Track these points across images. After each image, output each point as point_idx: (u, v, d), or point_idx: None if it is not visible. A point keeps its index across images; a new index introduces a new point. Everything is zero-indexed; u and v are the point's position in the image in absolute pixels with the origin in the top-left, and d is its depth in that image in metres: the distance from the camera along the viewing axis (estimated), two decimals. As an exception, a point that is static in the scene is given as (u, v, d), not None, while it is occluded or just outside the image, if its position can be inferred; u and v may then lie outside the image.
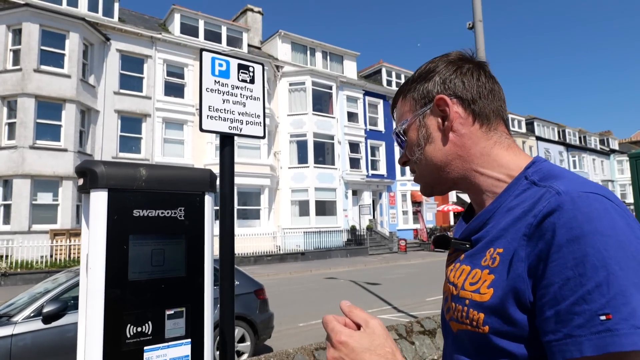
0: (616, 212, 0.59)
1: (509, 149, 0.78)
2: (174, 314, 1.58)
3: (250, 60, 2.74)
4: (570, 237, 0.57)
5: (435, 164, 0.80)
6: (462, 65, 0.81)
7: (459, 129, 0.78)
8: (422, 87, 0.82)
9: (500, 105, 0.80)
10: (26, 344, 4.15)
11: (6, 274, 13.08)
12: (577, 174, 0.71)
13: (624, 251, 0.55)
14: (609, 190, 0.65)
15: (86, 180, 1.54)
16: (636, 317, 0.52)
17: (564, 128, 44.50)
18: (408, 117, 0.84)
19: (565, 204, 0.60)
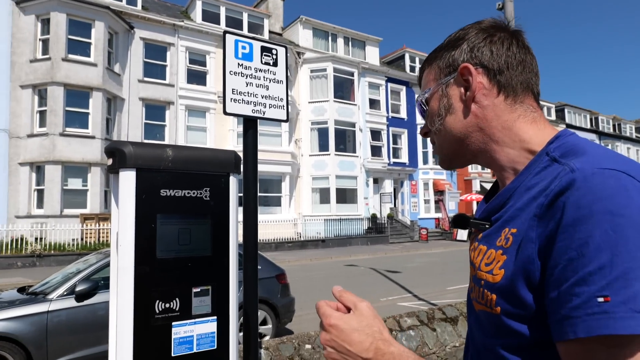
0: (636, 190, 0.55)
1: (533, 123, 0.74)
2: (200, 291, 1.62)
3: (274, 43, 2.73)
4: (578, 217, 0.54)
5: (454, 135, 0.78)
6: (494, 33, 0.76)
7: (481, 100, 0.74)
8: (448, 55, 0.78)
9: (530, 77, 0.75)
10: (61, 320, 4.35)
11: (40, 255, 13.67)
12: (607, 148, 0.67)
13: (634, 230, 0.52)
14: (638, 166, 0.61)
15: (115, 160, 1.58)
16: (637, 301, 0.50)
17: (596, 115, 42.80)
18: (432, 85, 0.81)
19: (578, 181, 0.57)
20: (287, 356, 3.18)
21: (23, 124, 16.08)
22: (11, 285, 9.44)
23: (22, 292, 4.90)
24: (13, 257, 13.50)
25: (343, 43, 25.53)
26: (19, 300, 4.55)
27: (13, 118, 16.05)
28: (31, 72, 16.14)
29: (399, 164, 26.45)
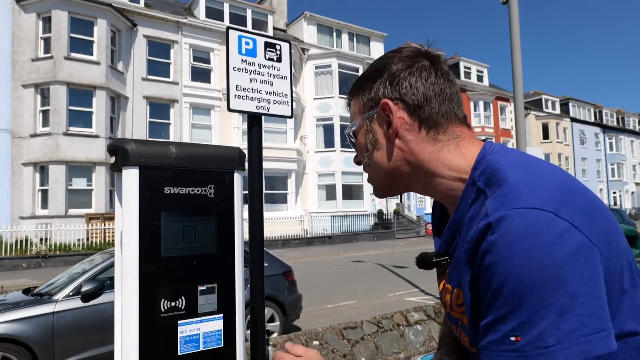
0: (543, 227, 0.57)
1: (457, 149, 0.75)
2: (206, 289, 1.60)
3: (277, 38, 2.70)
4: (490, 263, 0.59)
5: (384, 169, 0.79)
6: (413, 63, 0.77)
7: (404, 134, 0.76)
8: (370, 87, 0.79)
9: (450, 106, 0.77)
10: (67, 320, 4.34)
11: (46, 256, 13.71)
12: (529, 163, 0.68)
13: (537, 274, 0.56)
14: (559, 184, 0.63)
15: (118, 158, 1.55)
16: (543, 339, 0.55)
17: (600, 109, 42.64)
18: (357, 119, 0.82)
19: (491, 228, 0.60)
20: (294, 354, 3.16)
21: (25, 123, 16.10)
22: (16, 287, 9.49)
23: (28, 294, 4.90)
24: (18, 259, 13.51)
25: (348, 39, 25.42)
26: (24, 301, 4.55)
27: (15, 118, 16.07)
28: (33, 71, 16.15)
29: (403, 159, 26.32)
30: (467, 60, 31.67)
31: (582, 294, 0.55)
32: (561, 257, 0.56)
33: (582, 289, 0.55)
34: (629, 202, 42.41)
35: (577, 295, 0.55)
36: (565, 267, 0.55)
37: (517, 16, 7.09)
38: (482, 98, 30.55)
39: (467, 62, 31.67)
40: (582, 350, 0.54)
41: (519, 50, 7.09)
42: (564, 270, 0.55)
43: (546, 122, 34.81)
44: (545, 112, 36.67)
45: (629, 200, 42.68)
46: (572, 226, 0.57)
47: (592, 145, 39.99)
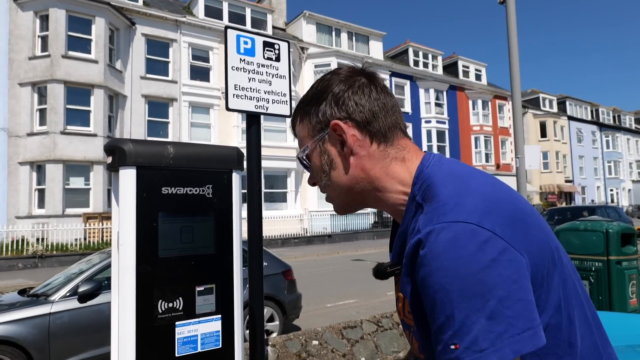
0: (466, 237, 0.62)
1: (403, 163, 0.80)
2: (204, 290, 1.58)
3: (276, 38, 2.68)
4: (424, 275, 0.63)
5: (342, 187, 0.82)
6: (353, 82, 0.80)
7: (358, 151, 0.79)
8: (316, 110, 0.82)
9: (395, 118, 0.81)
10: (63, 322, 4.30)
11: (42, 256, 13.62)
12: (462, 175, 0.73)
13: (464, 282, 0.60)
14: (486, 195, 0.68)
15: (115, 158, 1.53)
16: (477, 343, 0.59)
17: (597, 107, 42.85)
18: (308, 142, 0.85)
19: (422, 241, 0.65)
20: (294, 353, 3.15)
21: (22, 122, 16.01)
22: (12, 288, 9.44)
23: (24, 294, 4.86)
24: (14, 259, 13.38)
25: (347, 38, 25.39)
26: (19, 302, 4.50)
27: (12, 117, 15.97)
28: (30, 70, 16.06)
29: (402, 158, 26.35)
30: (465, 59, 31.68)
31: (508, 296, 0.59)
32: (485, 264, 0.60)
33: (509, 292, 0.60)
34: (626, 200, 42.68)
35: (504, 299, 0.59)
36: (490, 273, 0.60)
37: (514, 16, 7.10)
38: (480, 97, 30.56)
39: (465, 60, 31.68)
40: (512, 350, 0.58)
41: (517, 50, 7.10)
42: (488, 276, 0.60)
43: (544, 120, 34.91)
44: (543, 110, 36.74)
45: (626, 197, 42.94)
46: (494, 235, 0.62)
47: (589, 143, 40.18)
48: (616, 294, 4.06)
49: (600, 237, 4.16)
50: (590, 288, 4.16)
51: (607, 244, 4.11)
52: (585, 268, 4.22)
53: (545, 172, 33.74)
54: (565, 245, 4.36)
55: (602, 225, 4.21)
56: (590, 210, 14.45)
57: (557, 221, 11.20)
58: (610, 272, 4.08)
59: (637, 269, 4.19)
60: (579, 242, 4.30)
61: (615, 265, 4.09)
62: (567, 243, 4.35)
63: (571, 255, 4.30)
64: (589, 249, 4.22)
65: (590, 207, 15.07)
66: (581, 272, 4.20)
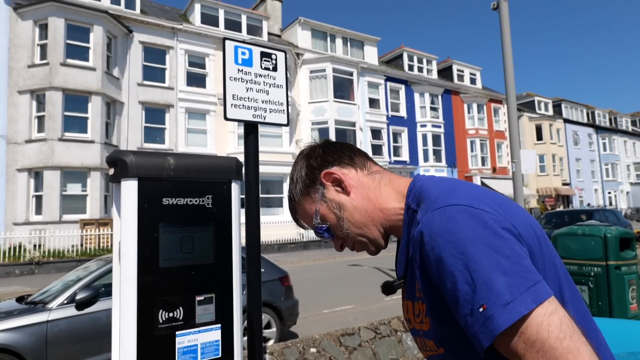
0: (461, 215, 0.69)
1: (390, 183, 0.90)
2: (203, 299, 1.60)
3: (273, 48, 2.72)
4: (436, 257, 0.68)
5: (359, 221, 0.90)
6: (315, 148, 0.97)
7: (352, 183, 0.90)
8: (305, 183, 0.94)
9: (360, 152, 0.96)
10: (60, 329, 4.30)
11: (39, 263, 13.58)
12: (450, 182, 0.81)
13: (472, 245, 0.65)
14: (473, 191, 0.76)
15: (117, 170, 1.56)
16: (501, 296, 0.63)
17: (593, 109, 43.04)
18: (314, 208, 0.94)
19: (423, 231, 0.71)
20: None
21: (21, 129, 16.03)
22: (9, 295, 9.40)
23: (21, 302, 4.86)
24: (11, 265, 13.34)
25: (342, 43, 25.52)
26: (17, 310, 4.50)
27: (10, 124, 15.99)
28: (29, 78, 16.09)
29: (400, 162, 26.44)
30: (459, 63, 31.89)
31: (514, 254, 0.65)
32: (485, 231, 0.66)
33: (513, 251, 0.66)
34: (624, 202, 42.76)
35: (511, 256, 0.65)
36: (492, 237, 0.66)
37: (507, 21, 7.18)
38: (475, 100, 30.74)
39: (459, 65, 31.88)
40: (533, 299, 0.63)
41: (511, 55, 7.17)
42: (492, 239, 0.66)
43: (539, 123, 35.06)
44: (539, 113, 36.91)
45: (624, 200, 43.03)
46: (485, 211, 0.69)
47: (586, 146, 40.31)
48: (616, 299, 4.00)
49: (599, 242, 4.10)
50: (590, 294, 4.11)
51: (605, 248, 4.06)
52: (583, 273, 4.17)
53: (542, 175, 33.83)
54: (563, 251, 4.32)
55: (600, 230, 4.16)
56: (588, 213, 14.45)
57: (554, 225, 11.21)
58: (609, 278, 4.02)
59: (636, 274, 4.13)
60: (577, 247, 4.26)
61: (615, 270, 4.02)
62: (564, 248, 4.32)
63: (569, 260, 4.26)
64: (587, 254, 4.17)
65: (588, 211, 15.09)
66: (580, 277, 4.16)
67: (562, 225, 8.47)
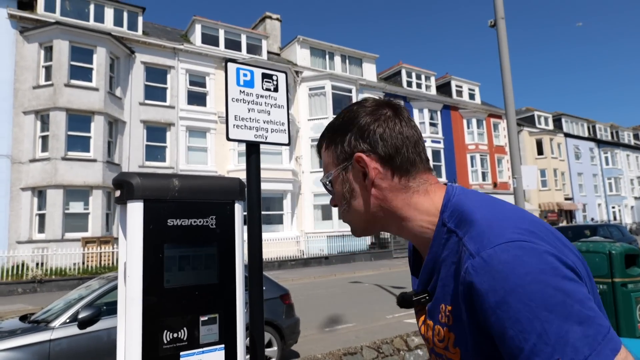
0: (526, 254, 0.63)
1: (426, 194, 0.82)
2: (207, 320, 1.62)
3: (274, 69, 2.79)
4: (498, 300, 0.62)
5: (361, 215, 0.86)
6: (379, 116, 0.84)
7: (379, 183, 0.82)
8: (342, 140, 0.85)
9: (417, 152, 0.84)
10: (62, 348, 4.30)
11: (42, 281, 13.55)
12: (490, 202, 0.75)
13: (544, 293, 0.60)
14: (522, 218, 0.70)
15: (123, 192, 1.60)
16: (579, 351, 0.57)
17: (594, 123, 43.15)
18: (332, 169, 0.88)
19: (480, 269, 0.64)
20: (294, 380, 3.15)
21: (25, 149, 16.19)
22: (11, 313, 9.37)
23: (24, 321, 4.86)
24: (14, 284, 13.37)
25: (340, 61, 25.86)
26: (20, 329, 4.51)
27: (15, 144, 16.15)
28: (34, 99, 16.31)
29: (399, 178, 26.45)
30: (458, 79, 32.22)
31: (585, 299, 0.61)
32: (554, 273, 0.61)
33: (583, 295, 0.61)
34: (629, 217, 42.41)
35: (583, 302, 0.60)
36: (562, 280, 0.61)
37: (505, 39, 7.30)
38: (474, 116, 30.95)
39: (458, 80, 32.21)
40: (610, 349, 0.58)
41: (509, 72, 7.28)
42: (563, 283, 0.60)
43: (540, 137, 35.15)
44: (539, 128, 37.06)
45: (629, 214, 42.69)
46: (546, 249, 0.64)
47: (588, 160, 40.27)
48: (623, 318, 3.89)
49: (603, 259, 4.02)
50: None
51: (610, 265, 3.97)
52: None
53: (543, 190, 33.78)
54: None
55: (605, 247, 4.08)
56: (592, 229, 14.28)
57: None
58: (615, 296, 3.92)
59: (644, 291, 4.03)
60: None
61: (621, 287, 3.93)
62: None
63: None
64: (591, 271, 4.15)
65: (592, 226, 14.97)
66: None
67: (564, 240, 8.40)
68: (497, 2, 7.34)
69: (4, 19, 16.47)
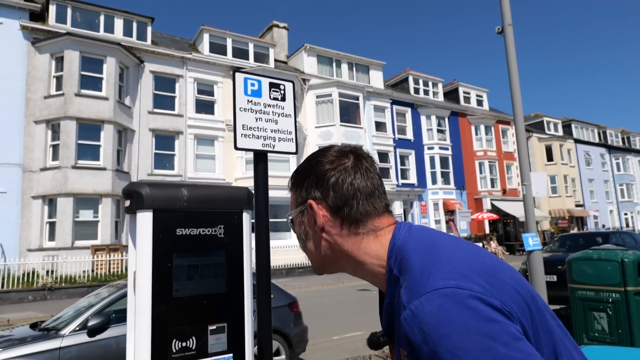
0: (450, 301, 0.65)
1: (375, 239, 0.84)
2: (216, 329, 1.63)
3: (281, 79, 2.81)
4: (429, 351, 0.64)
5: (315, 255, 0.91)
6: (337, 166, 0.87)
7: (329, 230, 0.86)
8: (301, 185, 0.90)
9: (369, 202, 0.85)
10: (72, 356, 4.32)
11: (52, 289, 13.67)
12: (429, 242, 0.77)
13: (469, 340, 0.62)
14: (455, 259, 0.71)
15: (132, 202, 1.62)
16: None
17: (604, 129, 42.68)
18: (293, 209, 0.94)
19: (410, 321, 0.67)
20: (302, 389, 3.13)
21: (36, 158, 16.41)
22: (22, 320, 9.45)
23: (35, 328, 4.90)
24: (24, 291, 13.51)
25: (347, 68, 25.95)
26: (30, 336, 4.54)
27: (27, 152, 16.39)
28: (45, 108, 16.57)
29: (407, 185, 26.39)
30: (465, 85, 32.14)
31: (511, 340, 0.62)
32: (478, 317, 0.63)
33: (510, 336, 0.63)
34: (642, 224, 41.77)
35: (509, 343, 0.62)
36: (486, 324, 0.63)
37: (513, 45, 7.28)
38: (482, 122, 30.81)
39: (465, 87, 32.13)
40: None
41: (517, 79, 7.25)
42: (487, 327, 0.62)
43: (549, 144, 34.79)
44: (548, 134, 36.74)
45: (642, 221, 42.04)
46: (476, 292, 0.66)
47: (599, 166, 39.75)
48: (637, 327, 3.84)
49: (616, 267, 3.96)
50: (609, 321, 3.96)
51: (623, 274, 3.91)
52: (601, 299, 4.03)
53: (554, 196, 33.40)
54: (579, 276, 4.20)
55: (617, 255, 4.03)
56: (604, 236, 14.09)
57: (569, 248, 11.00)
58: (629, 304, 3.86)
59: (657, 300, 3.95)
60: (594, 272, 4.12)
61: (634, 296, 3.87)
62: (580, 273, 4.19)
63: (585, 285, 4.13)
64: (604, 279, 4.03)
65: (604, 233, 14.76)
66: (597, 303, 4.03)
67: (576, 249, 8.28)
68: (505, 9, 7.34)
69: (16, 30, 16.80)
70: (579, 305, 4.25)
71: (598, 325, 4.11)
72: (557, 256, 9.86)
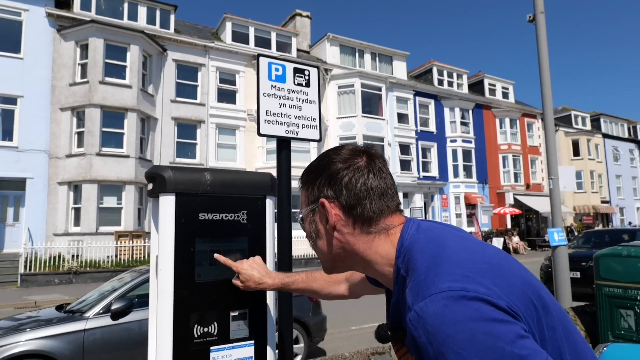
0: (454, 303, 0.64)
1: (387, 238, 0.85)
2: (238, 315, 1.60)
3: (306, 64, 2.75)
4: (435, 352, 0.65)
5: (326, 255, 0.91)
6: (349, 165, 0.87)
7: (341, 229, 0.87)
8: (313, 183, 0.91)
9: (382, 202, 0.86)
10: (96, 338, 4.43)
11: (77, 272, 14.13)
12: (437, 241, 0.76)
13: (473, 340, 0.62)
14: (463, 260, 0.71)
15: (155, 185, 1.59)
16: None
17: (635, 124, 41.26)
18: (303, 208, 0.94)
19: (415, 322, 0.67)
20: (321, 379, 3.12)
21: (62, 144, 16.82)
22: (49, 302, 9.77)
23: (60, 310, 5.03)
24: (51, 274, 14.00)
25: (370, 58, 25.65)
26: (56, 318, 4.67)
27: (53, 139, 16.81)
28: (70, 95, 16.92)
29: (428, 177, 26.07)
30: (491, 77, 31.40)
31: (516, 338, 0.62)
32: (481, 318, 0.63)
33: (514, 335, 0.62)
34: (669, 222, 40.41)
35: (514, 342, 0.62)
36: (489, 324, 0.62)
37: (544, 35, 7.01)
38: (508, 115, 30.10)
39: (491, 79, 31.40)
40: None
41: (548, 70, 6.99)
42: (492, 328, 0.62)
43: (576, 138, 33.80)
44: (575, 128, 35.69)
45: (669, 219, 40.67)
46: (481, 294, 0.65)
47: (627, 162, 38.54)
48: None
49: None
50: (636, 319, 3.91)
51: None
52: (629, 297, 3.97)
53: (579, 192, 32.51)
54: (606, 273, 4.14)
55: None
56: (631, 233, 13.71)
57: (594, 244, 10.69)
58: None
59: (686, 298, 3.89)
60: (622, 269, 4.05)
61: None
62: (608, 269, 4.13)
63: (613, 282, 4.07)
64: (632, 276, 3.96)
65: (632, 230, 14.32)
66: (625, 301, 3.97)
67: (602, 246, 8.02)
68: (536, -4, 7.05)
69: (42, 17, 17.13)
70: (605, 303, 4.20)
71: (624, 323, 4.07)
72: (580, 252, 9.61)
